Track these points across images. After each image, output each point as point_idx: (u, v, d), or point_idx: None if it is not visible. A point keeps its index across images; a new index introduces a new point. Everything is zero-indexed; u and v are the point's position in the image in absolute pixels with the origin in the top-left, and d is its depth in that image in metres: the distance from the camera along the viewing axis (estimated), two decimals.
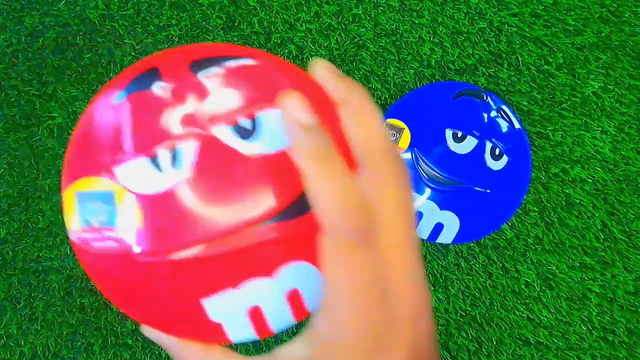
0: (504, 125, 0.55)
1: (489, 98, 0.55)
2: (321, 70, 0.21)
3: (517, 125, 0.55)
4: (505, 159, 0.54)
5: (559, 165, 0.57)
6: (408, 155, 0.54)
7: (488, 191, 0.54)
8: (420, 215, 0.53)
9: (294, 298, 0.22)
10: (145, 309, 0.22)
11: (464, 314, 0.56)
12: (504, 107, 0.55)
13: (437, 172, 0.54)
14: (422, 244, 0.56)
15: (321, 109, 0.20)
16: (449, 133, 0.54)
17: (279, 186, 0.22)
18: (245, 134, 0.21)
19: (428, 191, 0.54)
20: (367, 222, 0.19)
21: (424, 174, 0.54)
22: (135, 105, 0.21)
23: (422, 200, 0.54)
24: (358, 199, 0.19)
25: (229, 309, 0.22)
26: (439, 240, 0.54)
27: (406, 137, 0.54)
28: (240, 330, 0.23)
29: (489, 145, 0.54)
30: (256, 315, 0.22)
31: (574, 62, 0.58)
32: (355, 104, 0.21)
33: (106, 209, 0.21)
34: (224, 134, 0.21)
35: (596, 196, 0.57)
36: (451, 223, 0.53)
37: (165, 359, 0.56)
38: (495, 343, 0.56)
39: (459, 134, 0.54)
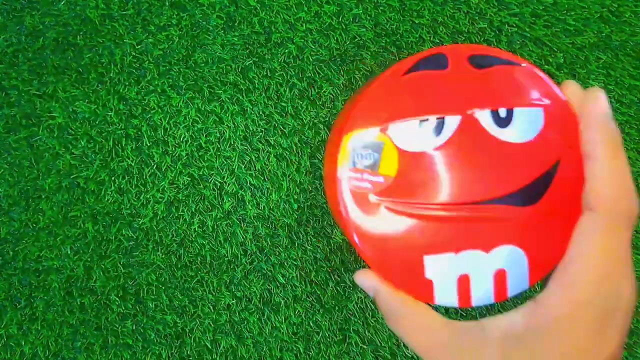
0: None
1: None
2: (573, 86, 0.25)
3: None
4: None
5: None
6: None
7: None
8: None
9: (500, 278, 0.26)
10: (376, 250, 0.25)
11: (464, 315, 0.56)
12: None
13: None
14: None
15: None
16: None
17: (514, 173, 0.26)
18: (500, 121, 0.25)
19: None
20: (636, 211, 0.22)
21: None
22: (417, 79, 0.26)
23: None
24: (633, 187, 0.22)
25: (444, 270, 0.26)
26: None
27: None
28: (446, 293, 0.26)
29: None
30: (464, 283, 0.25)
31: (575, 62, 0.58)
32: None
33: (373, 156, 0.25)
34: (483, 117, 0.26)
35: None
36: None
37: (166, 359, 0.56)
38: None
39: None
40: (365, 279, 0.26)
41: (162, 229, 0.56)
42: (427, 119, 0.25)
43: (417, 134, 0.25)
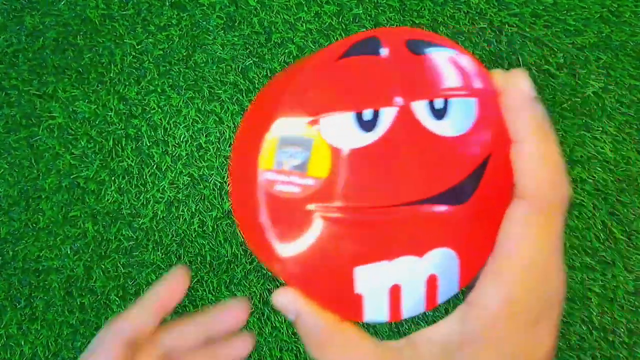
0: None
1: None
2: (500, 74, 0.23)
3: None
4: None
5: None
6: None
7: None
8: None
9: (431, 284, 0.23)
10: (300, 265, 0.22)
11: None
12: None
13: None
14: None
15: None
16: None
17: (449, 169, 0.23)
18: (436, 113, 0.23)
19: None
20: (566, 198, 0.20)
21: None
22: (352, 65, 0.23)
23: None
24: (565, 174, 0.20)
25: (376, 281, 0.23)
26: None
27: None
28: (377, 308, 0.23)
29: None
30: (395, 294, 0.23)
31: (575, 62, 0.58)
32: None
33: (301, 155, 0.22)
34: (420, 108, 0.23)
35: (597, 196, 0.57)
36: None
37: None
38: None
39: None
40: (287, 299, 0.22)
41: (162, 229, 0.56)
42: (362, 112, 0.23)
43: (350, 129, 0.22)
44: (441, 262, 0.23)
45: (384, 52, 0.23)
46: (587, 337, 0.56)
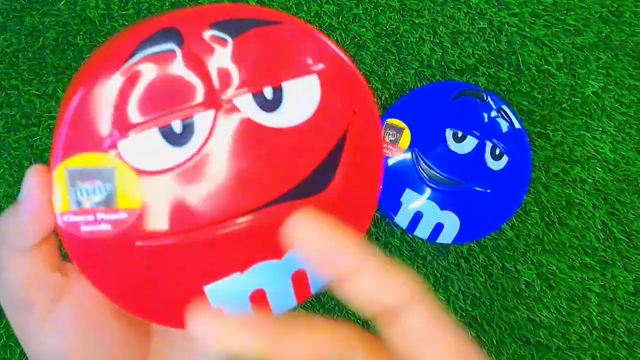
0: (504, 125, 0.55)
1: (489, 98, 0.55)
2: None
3: (517, 125, 0.55)
4: (505, 159, 0.54)
5: (559, 165, 0.57)
6: (408, 156, 0.54)
7: (488, 191, 0.54)
8: (420, 215, 0.53)
9: (299, 279, 0.22)
10: (138, 300, 0.20)
11: (464, 314, 0.56)
12: (504, 107, 0.55)
13: (437, 172, 0.54)
14: (422, 244, 0.56)
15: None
16: (449, 133, 0.54)
17: (296, 162, 0.21)
18: (267, 105, 0.20)
19: (428, 191, 0.54)
20: None
21: (424, 174, 0.54)
22: (144, 69, 0.19)
23: (423, 201, 0.54)
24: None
25: (232, 294, 0.21)
26: (439, 241, 0.54)
27: (406, 137, 0.54)
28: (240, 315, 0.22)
29: (489, 145, 0.54)
30: (258, 298, 0.21)
31: (574, 62, 0.58)
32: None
33: (104, 189, 0.19)
34: (244, 103, 0.20)
35: (596, 196, 0.57)
36: (451, 223, 0.53)
37: None
38: (495, 343, 0.56)
39: (459, 134, 0.54)
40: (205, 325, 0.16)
41: None
42: (169, 124, 0.19)
43: (158, 147, 0.19)
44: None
45: (184, 43, 0.19)
46: (586, 337, 0.56)
